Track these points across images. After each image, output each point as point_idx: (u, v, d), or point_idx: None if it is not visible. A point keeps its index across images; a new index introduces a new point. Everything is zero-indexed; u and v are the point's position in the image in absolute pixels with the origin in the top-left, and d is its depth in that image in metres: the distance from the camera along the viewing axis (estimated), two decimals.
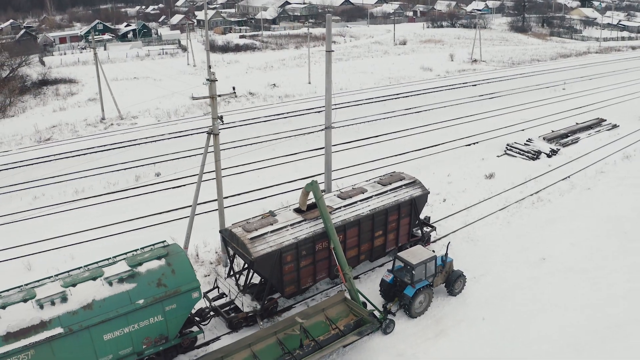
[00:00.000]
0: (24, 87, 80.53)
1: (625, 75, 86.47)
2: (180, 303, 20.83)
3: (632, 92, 73.66)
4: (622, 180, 42.66)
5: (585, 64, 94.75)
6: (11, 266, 29.93)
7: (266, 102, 66.79)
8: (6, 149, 51.41)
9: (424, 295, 24.47)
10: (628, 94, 72.60)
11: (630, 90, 75.14)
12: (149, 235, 32.36)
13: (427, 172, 42.27)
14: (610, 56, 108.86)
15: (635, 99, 70.08)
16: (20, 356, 18.59)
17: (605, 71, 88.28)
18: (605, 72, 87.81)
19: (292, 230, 24.56)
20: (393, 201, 27.35)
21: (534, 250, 30.97)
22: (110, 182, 40.77)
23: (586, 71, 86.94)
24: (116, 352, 20.34)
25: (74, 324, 19.16)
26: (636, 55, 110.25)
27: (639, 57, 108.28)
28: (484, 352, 22.81)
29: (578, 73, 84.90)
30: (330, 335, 22.20)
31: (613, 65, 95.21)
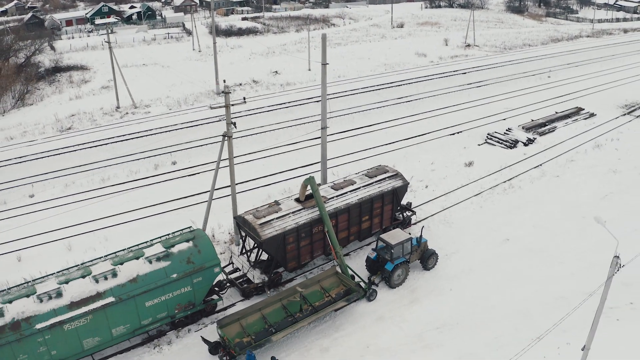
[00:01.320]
0: (37, 73, 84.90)
1: (611, 62, 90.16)
2: (204, 276, 26.21)
3: (614, 80, 77.27)
4: (589, 169, 47.52)
5: (574, 49, 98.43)
6: (54, 247, 35.20)
7: (269, 90, 71.30)
8: (31, 138, 56.21)
9: (402, 270, 29.82)
10: (610, 82, 76.27)
11: (613, 78, 78.87)
12: (170, 219, 37.75)
13: (414, 160, 47.31)
14: (600, 41, 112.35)
15: (616, 87, 73.77)
16: (81, 320, 24.00)
17: (592, 57, 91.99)
18: (592, 58, 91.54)
19: (294, 217, 29.81)
20: (378, 191, 32.54)
21: (500, 232, 36.20)
22: (132, 170, 45.88)
23: (574, 57, 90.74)
24: (155, 316, 25.77)
25: (122, 294, 24.51)
26: (625, 40, 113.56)
27: (628, 42, 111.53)
28: (449, 316, 28.19)
29: (566, 59, 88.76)
30: (324, 302, 27.61)
31: (601, 51, 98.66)
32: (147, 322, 25.71)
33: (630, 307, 30.35)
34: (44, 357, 23.88)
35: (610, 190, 43.51)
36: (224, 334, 25.16)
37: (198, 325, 27.63)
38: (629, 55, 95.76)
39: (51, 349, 23.85)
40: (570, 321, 27.72)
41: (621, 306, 30.30)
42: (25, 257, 34.35)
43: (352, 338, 26.77)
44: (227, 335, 25.13)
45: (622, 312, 29.89)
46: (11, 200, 42.26)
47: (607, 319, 29.17)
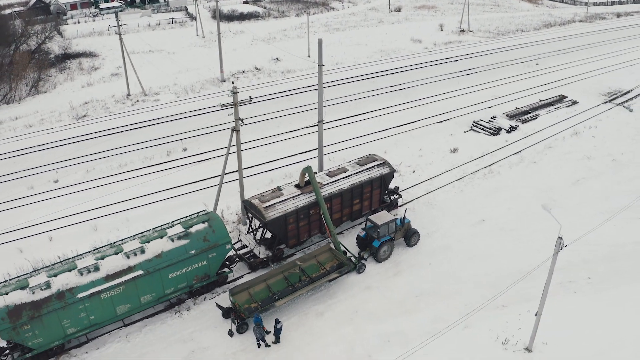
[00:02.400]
0: (48, 60, 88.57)
1: (600, 48, 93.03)
2: (218, 252, 30.82)
3: (600, 67, 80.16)
4: (565, 155, 51.75)
5: (565, 36, 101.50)
6: (81, 228, 39.72)
7: (271, 77, 75.18)
8: (49, 126, 60.34)
9: (387, 247, 34.43)
10: (597, 69, 79.21)
11: (599, 65, 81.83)
12: (183, 202, 42.27)
13: (403, 146, 51.60)
14: (591, 26, 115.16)
15: (601, 75, 76.75)
16: (115, 290, 28.65)
17: (581, 44, 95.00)
18: (581, 45, 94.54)
19: (294, 201, 34.35)
20: (367, 178, 37.02)
21: (477, 214, 40.72)
22: (147, 156, 50.24)
23: (563, 44, 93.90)
24: (176, 286, 30.45)
25: (149, 267, 29.13)
26: (617, 26, 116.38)
27: (619, 27, 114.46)
28: (427, 286, 32.88)
29: (555, 46, 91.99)
30: (320, 273, 32.26)
31: (591, 37, 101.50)
32: (170, 291, 30.43)
33: (587, 281, 34.87)
34: (83, 322, 28.62)
35: (582, 176, 47.83)
36: (235, 300, 29.92)
37: (212, 294, 32.45)
38: (618, 42, 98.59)
39: (90, 315, 28.58)
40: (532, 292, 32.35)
41: (579, 281, 34.84)
42: (56, 237, 38.87)
43: (343, 304, 31.58)
44: (237, 302, 29.90)
45: (579, 285, 34.42)
46: (37, 185, 46.69)
47: (565, 291, 33.92)
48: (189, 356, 28.84)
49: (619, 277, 35.23)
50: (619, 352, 29.05)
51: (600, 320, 31.20)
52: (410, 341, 28.73)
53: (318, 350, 28.80)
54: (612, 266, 36.36)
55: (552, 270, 26.66)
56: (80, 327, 28.73)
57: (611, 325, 30.73)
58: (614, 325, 30.71)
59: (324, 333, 29.72)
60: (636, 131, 58.65)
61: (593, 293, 33.74)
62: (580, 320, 31.25)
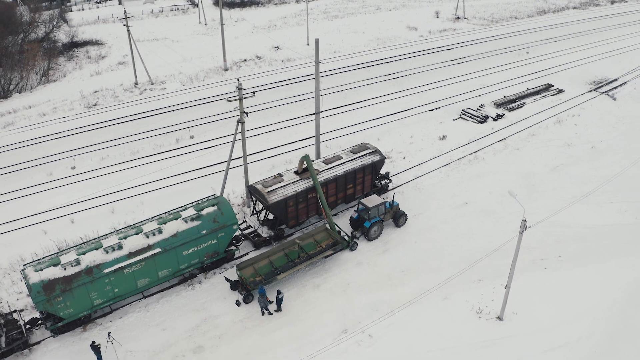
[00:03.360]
0: (56, 49, 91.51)
1: (590, 36, 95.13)
2: (226, 232, 34.75)
3: (589, 56, 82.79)
4: (547, 142, 55.32)
5: (557, 23, 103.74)
6: (100, 211, 43.57)
7: (271, 66, 78.42)
8: (62, 114, 63.73)
9: (377, 227, 38.35)
10: (585, 58, 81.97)
11: (588, 53, 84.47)
12: (192, 186, 46.06)
13: (395, 133, 55.24)
14: (584, 14, 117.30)
15: (589, 63, 79.57)
16: (136, 266, 32.56)
17: (572, 32, 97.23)
18: (572, 33, 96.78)
19: (293, 186, 38.20)
20: (359, 165, 40.83)
21: (460, 197, 44.55)
22: (157, 144, 53.91)
23: (554, 32, 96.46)
24: (189, 262, 34.41)
25: (166, 246, 33.04)
26: (609, 13, 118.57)
27: (611, 14, 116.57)
28: (412, 262, 36.89)
29: (546, 34, 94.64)
30: (317, 251, 36.24)
31: (582, 25, 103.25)
32: (184, 266, 34.43)
33: (558, 259, 38.71)
34: (109, 294, 32.61)
35: (562, 162, 51.55)
36: (241, 274, 33.94)
37: (221, 269, 36.55)
38: (609, 30, 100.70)
39: (114, 288, 32.56)
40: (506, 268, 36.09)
41: (550, 258, 38.69)
42: (77, 220, 42.76)
43: (337, 277, 35.64)
44: (244, 275, 33.93)
45: (550, 262, 38.25)
46: (56, 171, 50.41)
47: (537, 268, 37.78)
48: (201, 323, 32.93)
49: (588, 256, 39.04)
50: (580, 322, 33.06)
51: (566, 294, 35.05)
52: (395, 309, 32.74)
53: (314, 318, 32.87)
54: (582, 246, 40.19)
55: (519, 248, 30.47)
56: (106, 299, 32.72)
57: (576, 299, 34.63)
58: (578, 299, 34.61)
59: (320, 303, 33.81)
60: (617, 119, 62.16)
61: (562, 270, 37.51)
62: (549, 294, 35.13)
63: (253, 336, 31.91)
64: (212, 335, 32.10)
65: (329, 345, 30.37)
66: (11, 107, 68.55)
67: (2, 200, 46.01)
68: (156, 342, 31.81)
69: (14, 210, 44.41)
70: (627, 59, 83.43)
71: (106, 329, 32.86)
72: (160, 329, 32.72)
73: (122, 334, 32.46)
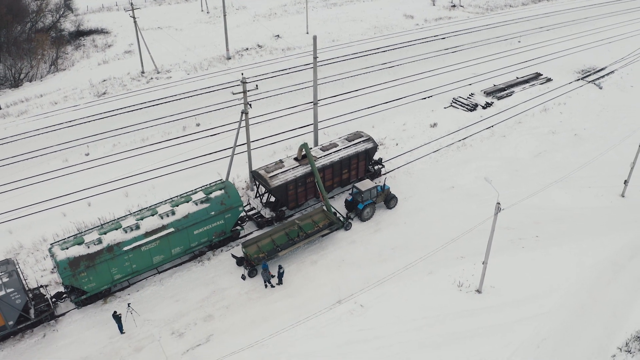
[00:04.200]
0: (63, 38, 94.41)
1: (581, 25, 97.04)
2: (232, 213, 38.40)
3: (579, 45, 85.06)
4: (532, 130, 58.55)
5: (549, 12, 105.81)
6: (115, 194, 47.09)
7: (272, 55, 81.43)
8: (73, 103, 67.03)
9: (370, 209, 41.99)
10: (575, 47, 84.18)
11: (578, 42, 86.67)
12: (199, 171, 49.54)
13: (389, 121, 58.56)
14: (578, 1, 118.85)
15: (579, 52, 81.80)
16: (152, 244, 36.17)
17: (564, 21, 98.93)
18: (564, 21, 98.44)
19: (293, 172, 41.76)
20: (354, 152, 44.37)
21: (448, 181, 48.06)
22: (165, 131, 57.32)
23: (546, 21, 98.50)
24: (199, 241, 38.10)
25: (179, 226, 36.66)
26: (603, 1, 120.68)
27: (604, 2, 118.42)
28: (401, 241, 40.56)
29: (538, 23, 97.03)
30: (314, 230, 39.89)
31: (575, 13, 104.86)
32: (194, 244, 38.12)
33: (535, 239, 42.26)
34: (127, 270, 36.29)
35: (545, 149, 54.87)
36: (246, 251, 37.66)
37: (227, 247, 40.31)
38: (600, 18, 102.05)
39: (132, 264, 36.24)
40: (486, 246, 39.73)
41: (528, 238, 42.25)
42: (94, 203, 46.33)
43: (333, 254, 39.39)
44: (248, 252, 37.64)
45: (527, 242, 41.82)
46: (71, 157, 53.89)
47: (515, 247, 41.36)
48: (211, 295, 36.71)
49: (564, 237, 42.58)
50: (552, 296, 36.85)
51: (541, 271, 38.78)
52: (385, 283, 36.52)
53: (312, 290, 36.64)
54: (558, 227, 43.72)
55: (494, 228, 34.02)
56: (125, 274, 36.43)
57: (550, 275, 38.37)
58: (552, 276, 38.35)
59: (317, 277, 37.61)
60: (601, 108, 65.30)
61: (538, 249, 41.13)
62: (525, 270, 38.84)
63: (257, 306, 35.70)
64: (220, 305, 35.89)
65: (325, 314, 34.25)
66: (23, 95, 71.79)
67: (22, 185, 49.44)
68: (170, 312, 35.57)
69: (33, 194, 47.89)
70: (617, 47, 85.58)
71: (125, 301, 36.58)
72: (174, 301, 36.48)
73: (140, 305, 36.20)
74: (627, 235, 43.06)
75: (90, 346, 33.89)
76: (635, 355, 33.39)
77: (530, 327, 34.46)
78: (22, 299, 33.71)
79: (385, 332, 33.47)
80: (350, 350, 32.39)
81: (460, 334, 33.59)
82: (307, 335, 33.28)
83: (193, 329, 34.27)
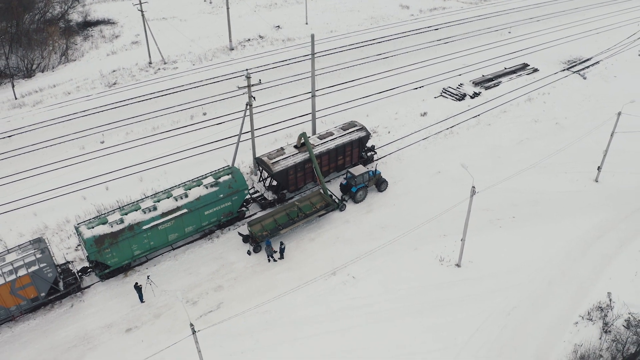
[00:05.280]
0: (72, 28, 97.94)
1: (571, 16, 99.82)
2: (239, 196, 42.93)
3: (567, 36, 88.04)
4: (516, 119, 62.70)
5: (541, 2, 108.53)
6: (130, 179, 51.37)
7: (273, 46, 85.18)
8: (85, 93, 70.84)
9: (362, 192, 46.51)
10: (563, 37, 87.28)
11: (566, 33, 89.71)
12: (206, 158, 53.83)
13: (382, 110, 62.75)
14: None
15: (566, 43, 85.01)
16: (168, 223, 40.63)
17: (554, 11, 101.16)
18: (554, 12, 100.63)
19: (293, 158, 46.20)
20: (348, 140, 48.78)
21: (435, 167, 52.43)
22: (174, 120, 61.53)
23: (537, 12, 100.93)
24: (209, 220, 42.63)
25: (191, 207, 41.14)
26: None
27: None
28: (390, 221, 45.12)
29: (529, 14, 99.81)
30: (312, 211, 44.41)
31: (565, 4, 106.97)
32: (205, 224, 42.67)
33: (512, 219, 46.70)
34: (146, 246, 40.80)
35: (527, 137, 59.05)
36: (251, 230, 42.22)
37: (235, 226, 44.92)
38: (590, 9, 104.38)
39: (150, 241, 40.75)
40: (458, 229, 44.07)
41: (505, 219, 46.70)
42: (111, 187, 50.64)
43: (328, 233, 44.00)
44: (253, 231, 42.20)
45: (504, 222, 46.29)
46: (87, 145, 58.08)
47: (492, 226, 45.83)
48: (220, 269, 41.34)
49: (538, 218, 47.06)
50: (524, 270, 41.51)
51: (515, 248, 43.33)
52: (375, 257, 41.15)
53: (310, 264, 41.28)
54: (534, 209, 48.13)
55: (470, 209, 38.50)
56: (143, 250, 40.97)
57: (523, 252, 42.95)
58: (525, 252, 42.93)
59: (314, 252, 42.26)
60: (584, 97, 69.27)
61: (514, 229, 45.67)
62: (501, 247, 43.41)
63: (261, 278, 40.38)
64: (229, 277, 40.55)
65: (321, 284, 38.95)
66: (37, 86, 75.59)
67: (45, 171, 53.69)
68: (185, 284, 40.21)
69: (55, 179, 52.10)
70: (604, 38, 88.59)
71: (143, 274, 41.15)
72: (187, 274, 41.11)
73: (157, 278, 40.80)
74: (597, 217, 47.54)
75: (113, 314, 38.53)
76: (595, 323, 38.07)
77: (503, 297, 39.14)
78: (53, 273, 38.26)
79: (373, 300, 38.19)
80: (343, 316, 37.11)
81: (440, 302, 38.28)
82: (305, 303, 38.01)
83: (205, 298, 38.93)
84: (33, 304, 38.20)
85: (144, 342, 35.95)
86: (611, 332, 37.27)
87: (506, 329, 36.84)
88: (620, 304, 39.21)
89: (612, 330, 37.36)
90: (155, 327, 37.08)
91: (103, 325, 37.62)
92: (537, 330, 37.06)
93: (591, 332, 37.31)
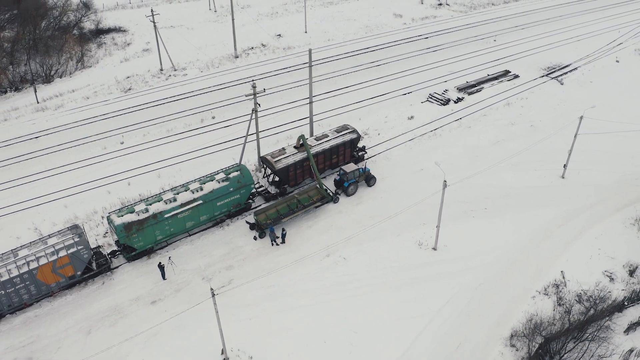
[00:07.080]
0: (85, 36, 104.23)
1: (555, 24, 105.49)
2: (246, 190, 49.80)
3: (549, 43, 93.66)
4: (494, 122, 69.31)
5: (528, 10, 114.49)
6: (149, 176, 57.95)
7: (274, 54, 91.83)
8: (102, 98, 77.38)
9: (353, 186, 53.43)
10: (545, 45, 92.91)
11: (549, 40, 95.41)
12: (215, 157, 60.42)
13: (374, 114, 69.45)
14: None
15: (548, 50, 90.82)
16: (186, 213, 47.28)
17: (539, 19, 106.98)
18: (539, 20, 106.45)
19: (293, 157, 53.09)
20: (341, 141, 55.67)
21: (418, 165, 59.18)
22: (186, 123, 68.25)
23: (523, 19, 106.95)
24: (221, 210, 49.44)
25: (206, 199, 47.89)
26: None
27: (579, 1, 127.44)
28: (377, 211, 51.94)
29: (514, 22, 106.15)
30: (310, 203, 51.25)
31: (550, 12, 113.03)
32: (217, 213, 49.51)
33: (484, 211, 53.34)
34: (167, 232, 47.54)
35: (503, 138, 65.65)
36: (257, 218, 49.11)
37: (242, 216, 51.75)
38: (574, 16, 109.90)
39: (171, 228, 47.52)
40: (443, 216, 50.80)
41: (478, 210, 53.34)
42: (132, 182, 57.22)
43: (324, 221, 50.93)
44: (259, 219, 49.08)
45: (477, 213, 52.92)
46: (109, 145, 64.71)
47: (466, 216, 52.38)
48: (230, 251, 48.17)
49: (508, 209, 53.62)
50: (491, 253, 48.23)
51: (485, 235, 49.94)
52: (363, 242, 48.00)
53: (307, 248, 48.06)
54: (505, 202, 54.74)
55: (442, 201, 45.23)
56: (165, 236, 47.73)
57: (492, 238, 49.55)
58: (493, 238, 49.53)
59: (311, 237, 49.16)
60: (559, 101, 75.74)
61: (486, 218, 52.28)
62: (473, 234, 50.05)
63: (266, 259, 47.23)
64: (238, 259, 47.39)
65: (317, 264, 45.85)
66: (57, 90, 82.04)
67: (71, 168, 60.17)
68: (200, 264, 46.96)
69: (81, 176, 58.61)
70: (584, 45, 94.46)
71: (165, 257, 47.87)
72: (202, 256, 47.91)
73: (176, 259, 47.52)
74: (560, 209, 54.18)
75: (140, 289, 45.26)
76: (551, 297, 44.73)
77: (472, 275, 45.90)
78: (89, 255, 44.99)
79: (361, 277, 45.06)
80: (335, 290, 43.97)
81: (417, 279, 45.09)
82: (303, 279, 44.89)
83: (218, 276, 45.73)
84: (70, 282, 44.79)
85: (167, 312, 42.62)
86: (564, 305, 43.80)
87: (473, 300, 43.60)
88: (575, 282, 45.83)
89: (565, 303, 43.88)
90: (176, 299, 43.84)
91: (131, 299, 44.30)
92: (499, 301, 43.81)
93: (547, 305, 43.96)
